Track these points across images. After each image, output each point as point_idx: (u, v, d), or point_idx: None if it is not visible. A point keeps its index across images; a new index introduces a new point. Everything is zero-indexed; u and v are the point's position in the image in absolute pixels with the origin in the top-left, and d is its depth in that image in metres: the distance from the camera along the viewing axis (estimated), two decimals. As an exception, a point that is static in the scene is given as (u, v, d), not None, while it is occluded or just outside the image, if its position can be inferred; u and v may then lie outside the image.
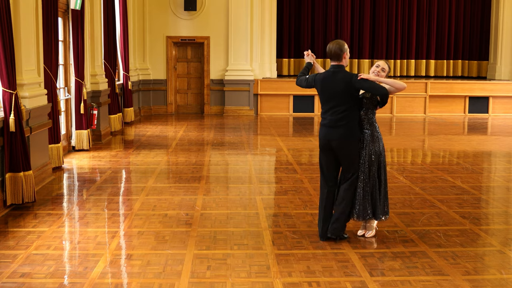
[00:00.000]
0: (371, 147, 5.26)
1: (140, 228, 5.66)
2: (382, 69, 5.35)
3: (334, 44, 5.24)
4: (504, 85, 16.68)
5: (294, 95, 16.19)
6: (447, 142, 11.47)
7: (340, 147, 5.20)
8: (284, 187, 7.48)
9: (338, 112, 5.16)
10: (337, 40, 5.32)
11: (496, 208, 6.68)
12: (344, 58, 5.21)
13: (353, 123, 5.20)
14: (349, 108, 5.16)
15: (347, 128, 5.17)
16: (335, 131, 5.18)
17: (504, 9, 17.71)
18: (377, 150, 5.27)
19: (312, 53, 5.82)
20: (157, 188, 7.32)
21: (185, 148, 10.50)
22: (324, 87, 5.24)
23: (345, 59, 5.23)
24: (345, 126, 5.16)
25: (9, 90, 6.29)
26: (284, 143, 11.13)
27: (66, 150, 9.63)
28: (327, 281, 4.38)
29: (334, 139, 5.18)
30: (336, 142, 5.18)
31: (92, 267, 4.60)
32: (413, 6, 18.36)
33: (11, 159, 6.33)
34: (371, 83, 5.09)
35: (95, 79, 10.92)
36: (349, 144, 5.20)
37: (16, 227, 5.68)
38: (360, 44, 18.32)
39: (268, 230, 5.62)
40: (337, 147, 5.20)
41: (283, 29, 17.96)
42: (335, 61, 5.24)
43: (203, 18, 16.14)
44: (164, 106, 16.56)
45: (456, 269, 4.64)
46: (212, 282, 4.34)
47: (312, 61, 5.76)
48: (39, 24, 7.56)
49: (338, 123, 5.17)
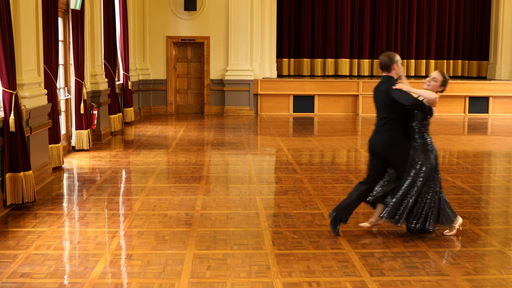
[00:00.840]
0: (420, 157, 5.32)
1: (140, 228, 5.66)
2: (434, 78, 5.43)
3: (385, 56, 5.49)
4: (504, 85, 16.67)
5: (294, 95, 16.20)
6: (447, 142, 11.47)
7: (383, 153, 5.48)
8: (284, 187, 7.48)
9: (381, 119, 5.46)
10: (389, 52, 5.56)
11: (496, 208, 6.68)
12: (394, 69, 5.42)
13: (395, 132, 5.40)
14: (390, 117, 5.39)
15: (388, 136, 5.42)
16: (378, 138, 5.48)
17: (504, 9, 17.70)
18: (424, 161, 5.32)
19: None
20: (157, 188, 7.32)
21: (185, 148, 10.51)
22: (374, 96, 5.57)
23: (394, 70, 5.43)
24: (386, 133, 5.42)
25: (9, 90, 6.29)
26: (284, 143, 11.13)
27: (66, 150, 9.63)
28: (327, 281, 4.38)
29: (377, 145, 5.47)
30: (379, 148, 5.47)
31: (92, 267, 4.60)
32: (413, 6, 18.36)
33: (11, 159, 6.33)
34: (399, 92, 5.26)
35: (95, 79, 10.92)
36: (390, 152, 5.46)
37: (16, 227, 5.68)
38: (360, 44, 18.32)
39: (268, 230, 5.62)
40: (381, 153, 5.48)
41: (283, 29, 17.97)
42: (384, 71, 5.48)
43: (203, 18, 16.14)
44: (164, 106, 16.56)
45: (456, 269, 4.64)
46: (212, 282, 4.34)
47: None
48: (39, 24, 7.56)
49: (380, 130, 5.47)
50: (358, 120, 15.23)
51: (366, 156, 9.95)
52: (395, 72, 5.44)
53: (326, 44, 18.20)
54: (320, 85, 16.38)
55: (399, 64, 5.42)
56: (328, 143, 11.24)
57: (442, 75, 5.42)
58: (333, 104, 16.35)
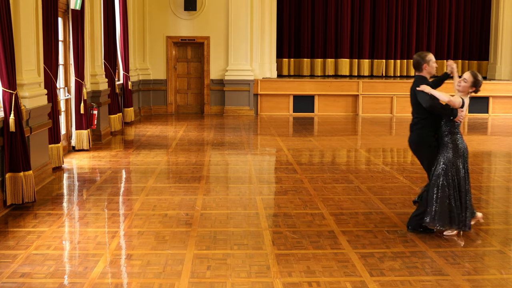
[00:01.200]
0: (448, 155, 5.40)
1: (140, 228, 5.66)
2: (464, 79, 5.45)
3: (417, 55, 5.62)
4: (504, 85, 16.67)
5: (294, 95, 16.20)
6: (447, 142, 11.45)
7: (413, 151, 5.73)
8: (284, 187, 7.48)
9: (414, 118, 5.66)
10: (421, 51, 5.71)
11: (496, 208, 6.67)
12: (425, 68, 5.53)
13: (425, 131, 5.53)
14: (421, 116, 5.53)
15: (417, 134, 5.60)
16: (410, 136, 5.69)
17: (504, 9, 17.71)
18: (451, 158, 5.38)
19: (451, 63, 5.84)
20: (157, 188, 7.32)
21: (185, 148, 10.51)
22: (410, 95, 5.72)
23: (425, 70, 5.54)
24: (416, 132, 5.60)
25: (9, 90, 6.29)
26: (284, 143, 11.13)
27: (66, 150, 9.63)
28: (327, 281, 4.38)
29: (410, 143, 5.71)
30: (411, 146, 5.70)
31: (92, 267, 4.60)
32: (413, 6, 18.36)
33: (11, 159, 6.33)
34: (420, 94, 5.39)
35: (95, 79, 10.92)
36: (418, 150, 5.66)
37: (16, 227, 5.68)
38: (360, 44, 18.32)
39: (268, 230, 5.62)
40: (413, 151, 5.75)
41: (283, 29, 17.97)
42: (417, 71, 5.63)
43: (203, 18, 16.14)
44: (164, 106, 16.56)
45: (456, 269, 4.64)
46: (212, 282, 4.34)
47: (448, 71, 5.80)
48: (39, 24, 7.56)
49: (412, 128, 5.67)
50: (358, 120, 15.23)
51: (366, 156, 9.99)
52: (427, 72, 5.54)
53: (326, 44, 18.20)
54: (320, 85, 16.39)
55: (431, 64, 5.53)
56: (328, 143, 11.25)
57: (473, 76, 5.40)
58: (333, 104, 16.35)
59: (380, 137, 12.15)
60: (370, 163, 9.30)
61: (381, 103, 16.32)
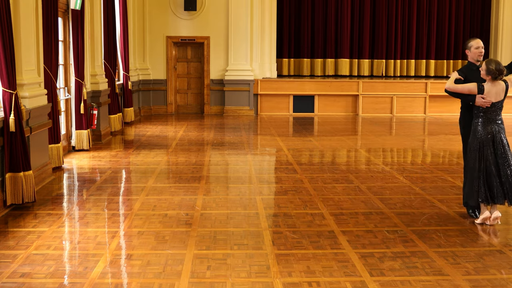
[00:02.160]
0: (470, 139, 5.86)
1: (140, 228, 5.66)
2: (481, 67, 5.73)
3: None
4: (504, 85, 16.65)
5: (294, 95, 16.21)
6: (447, 142, 11.47)
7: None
8: (284, 187, 7.48)
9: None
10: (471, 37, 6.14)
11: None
12: (467, 54, 5.98)
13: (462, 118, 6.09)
14: (462, 104, 6.07)
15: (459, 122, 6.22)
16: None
17: (504, 9, 17.72)
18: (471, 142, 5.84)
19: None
20: (157, 188, 7.32)
21: (185, 148, 10.51)
22: None
23: (469, 55, 5.98)
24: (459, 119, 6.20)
25: (9, 90, 6.29)
26: (284, 143, 11.13)
27: (66, 150, 9.63)
28: (327, 281, 4.38)
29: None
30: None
31: (92, 267, 4.60)
32: (413, 6, 18.36)
33: (11, 159, 6.33)
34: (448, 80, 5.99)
35: (95, 79, 10.92)
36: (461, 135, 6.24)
37: (16, 227, 5.68)
38: (360, 44, 18.32)
39: (268, 230, 5.62)
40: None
41: (283, 29, 17.97)
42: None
43: (203, 18, 16.14)
44: (164, 106, 16.57)
45: (456, 269, 4.64)
46: (212, 282, 4.34)
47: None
48: (39, 24, 7.56)
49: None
50: (358, 120, 15.23)
51: (366, 156, 9.99)
52: (470, 57, 5.95)
53: (326, 44, 18.20)
54: (320, 85, 16.39)
55: (472, 49, 5.88)
56: (328, 143, 11.25)
57: (486, 65, 5.70)
58: (333, 104, 16.35)
59: (380, 137, 12.15)
60: (370, 163, 9.30)
61: (381, 103, 16.32)
